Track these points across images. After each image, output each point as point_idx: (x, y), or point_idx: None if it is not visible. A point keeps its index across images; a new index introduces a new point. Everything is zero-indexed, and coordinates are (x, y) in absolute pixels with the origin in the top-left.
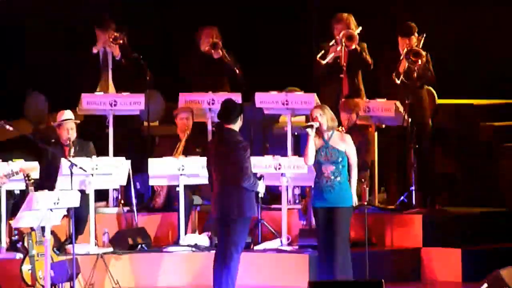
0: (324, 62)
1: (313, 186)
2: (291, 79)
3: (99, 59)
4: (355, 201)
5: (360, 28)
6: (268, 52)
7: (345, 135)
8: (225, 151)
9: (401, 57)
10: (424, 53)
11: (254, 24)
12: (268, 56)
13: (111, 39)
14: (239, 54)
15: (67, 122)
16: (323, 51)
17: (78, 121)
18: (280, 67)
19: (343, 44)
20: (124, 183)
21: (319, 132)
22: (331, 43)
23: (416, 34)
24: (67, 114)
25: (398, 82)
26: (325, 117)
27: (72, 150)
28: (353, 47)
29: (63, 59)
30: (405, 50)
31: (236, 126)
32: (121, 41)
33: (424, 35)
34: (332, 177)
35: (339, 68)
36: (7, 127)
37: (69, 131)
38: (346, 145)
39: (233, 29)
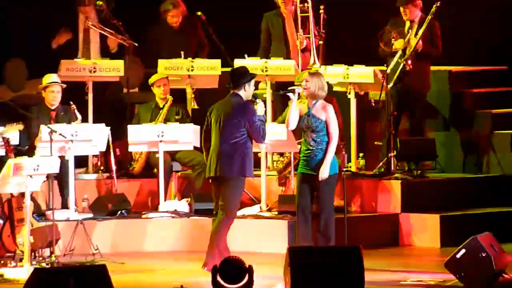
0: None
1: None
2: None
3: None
4: (325, 173)
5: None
6: (247, 19)
7: (327, 105)
8: (228, 113)
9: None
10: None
11: None
12: (248, 23)
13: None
14: (220, 21)
15: (53, 85)
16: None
17: (64, 85)
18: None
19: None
20: (104, 149)
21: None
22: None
23: (416, 1)
24: (54, 77)
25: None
26: (311, 84)
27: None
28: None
29: (42, 25)
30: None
31: (243, 93)
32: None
33: (438, 4)
34: (314, 144)
35: None
36: None
37: (55, 95)
38: (327, 115)
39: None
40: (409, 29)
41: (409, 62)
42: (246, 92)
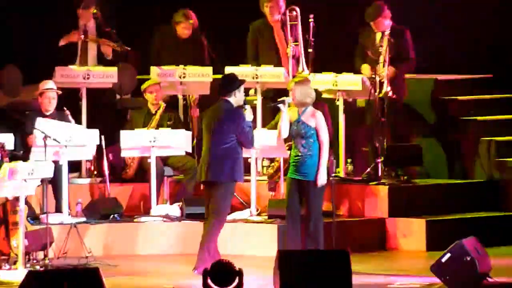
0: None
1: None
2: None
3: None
4: (323, 179)
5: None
6: (238, 27)
7: (316, 112)
8: (219, 119)
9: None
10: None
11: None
12: (239, 31)
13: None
14: (212, 30)
15: (50, 91)
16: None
17: (60, 92)
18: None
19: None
20: (91, 156)
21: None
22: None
23: (384, 13)
24: (50, 83)
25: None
26: (297, 92)
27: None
28: None
29: (37, 32)
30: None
31: (233, 99)
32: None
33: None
34: (303, 151)
35: None
36: None
37: (51, 101)
38: (316, 122)
39: (205, 7)
40: (380, 41)
41: (389, 91)
42: (236, 98)
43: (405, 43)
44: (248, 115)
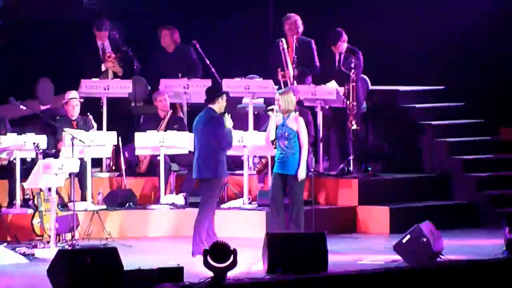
0: None
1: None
2: (252, 66)
3: (99, 53)
4: (303, 174)
5: None
6: (230, 43)
7: (298, 118)
8: (203, 124)
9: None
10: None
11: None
12: (231, 47)
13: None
14: (207, 46)
15: (73, 100)
16: None
17: (82, 100)
18: (242, 56)
19: None
20: (109, 154)
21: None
22: None
23: (343, 38)
24: (73, 93)
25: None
26: (281, 101)
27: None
28: None
29: (66, 50)
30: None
31: (216, 106)
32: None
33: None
34: (286, 150)
35: None
36: (21, 106)
37: (75, 108)
38: (298, 126)
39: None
40: (339, 60)
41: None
42: (219, 104)
43: (358, 62)
44: (228, 122)
